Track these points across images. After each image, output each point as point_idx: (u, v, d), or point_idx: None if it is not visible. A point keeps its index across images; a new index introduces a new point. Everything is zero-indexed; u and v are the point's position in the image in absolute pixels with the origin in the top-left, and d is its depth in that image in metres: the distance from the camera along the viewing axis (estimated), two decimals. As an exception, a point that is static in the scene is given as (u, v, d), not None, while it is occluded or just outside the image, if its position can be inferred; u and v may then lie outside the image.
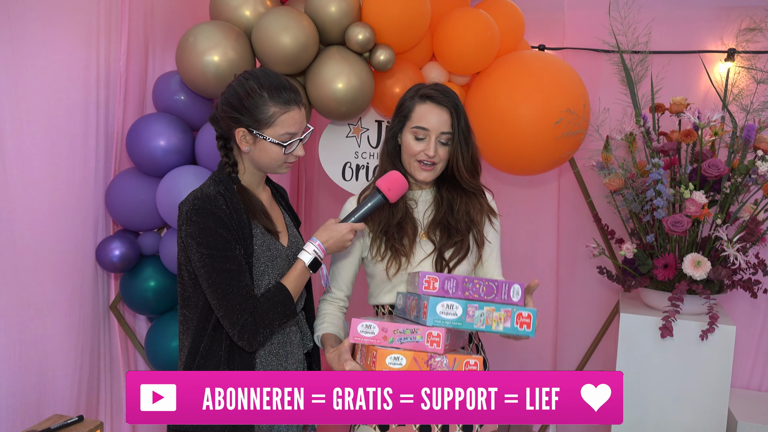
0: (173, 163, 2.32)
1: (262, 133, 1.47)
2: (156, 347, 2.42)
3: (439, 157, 1.61)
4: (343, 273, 1.73)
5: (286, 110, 1.47)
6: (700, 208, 2.15)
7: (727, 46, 2.56)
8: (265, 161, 1.51)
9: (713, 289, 2.23)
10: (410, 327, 1.35)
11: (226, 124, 1.50)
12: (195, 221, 1.43)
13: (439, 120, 1.60)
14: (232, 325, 1.43)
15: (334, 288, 1.74)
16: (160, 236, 2.45)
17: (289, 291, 1.50)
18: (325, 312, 1.71)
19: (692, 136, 2.24)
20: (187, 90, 2.36)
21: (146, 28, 2.54)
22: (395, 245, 1.63)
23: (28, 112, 2.07)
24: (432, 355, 1.33)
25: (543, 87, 2.32)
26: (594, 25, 2.57)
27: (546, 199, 3.02)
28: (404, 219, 1.65)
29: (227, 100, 1.48)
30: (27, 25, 2.06)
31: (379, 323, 1.37)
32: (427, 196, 1.71)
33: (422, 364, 1.33)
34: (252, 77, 1.48)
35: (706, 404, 2.20)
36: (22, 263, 2.10)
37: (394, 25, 2.19)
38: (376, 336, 1.37)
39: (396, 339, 1.35)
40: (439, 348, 1.33)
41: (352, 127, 2.52)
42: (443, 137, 1.61)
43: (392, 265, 1.63)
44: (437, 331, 1.33)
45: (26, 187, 2.09)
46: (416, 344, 1.34)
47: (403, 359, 1.32)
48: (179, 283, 1.53)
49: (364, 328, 1.37)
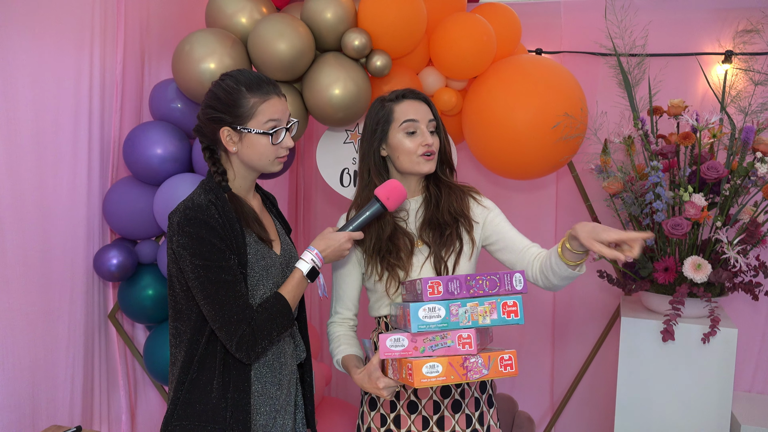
0: (170, 171, 2.31)
1: (246, 126, 1.45)
2: (155, 356, 2.40)
3: (435, 145, 1.64)
4: (348, 292, 1.71)
5: (266, 98, 1.46)
6: (700, 210, 2.14)
7: (724, 48, 2.56)
8: (255, 157, 1.48)
9: (714, 291, 2.22)
10: (439, 333, 1.33)
11: (210, 128, 1.48)
12: (187, 231, 1.39)
13: (422, 110, 1.64)
14: (230, 336, 1.40)
15: (340, 308, 1.73)
16: (157, 244, 2.44)
17: (287, 300, 1.47)
18: (338, 334, 1.69)
19: (691, 139, 2.23)
20: (184, 98, 2.36)
21: (142, 36, 2.54)
22: (391, 261, 1.62)
23: (17, 122, 2.06)
24: (466, 357, 1.31)
25: (540, 91, 2.31)
26: (590, 28, 2.56)
27: (544, 203, 3.01)
28: (395, 233, 1.64)
29: (207, 104, 1.48)
30: (17, 34, 2.05)
31: (407, 335, 1.35)
32: (416, 203, 1.70)
33: (458, 367, 1.31)
34: (228, 76, 1.49)
35: (708, 408, 2.19)
36: (15, 273, 2.08)
37: (390, 31, 2.19)
38: (406, 348, 1.34)
39: (427, 347, 1.33)
40: (472, 349, 1.32)
41: (349, 133, 2.51)
42: (431, 125, 1.64)
43: (391, 284, 1.62)
44: (467, 332, 1.32)
45: (18, 196, 2.07)
46: (448, 349, 1.32)
47: (439, 366, 1.30)
48: (170, 295, 1.50)
49: (394, 342, 1.35)
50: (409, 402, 1.65)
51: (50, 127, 2.19)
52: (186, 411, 1.45)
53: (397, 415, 1.66)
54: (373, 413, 1.70)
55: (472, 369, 1.31)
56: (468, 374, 1.30)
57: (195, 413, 1.45)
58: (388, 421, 1.67)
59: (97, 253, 2.35)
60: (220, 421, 1.44)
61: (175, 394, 1.47)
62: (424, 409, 1.64)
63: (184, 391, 1.46)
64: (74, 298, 2.32)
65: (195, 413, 1.45)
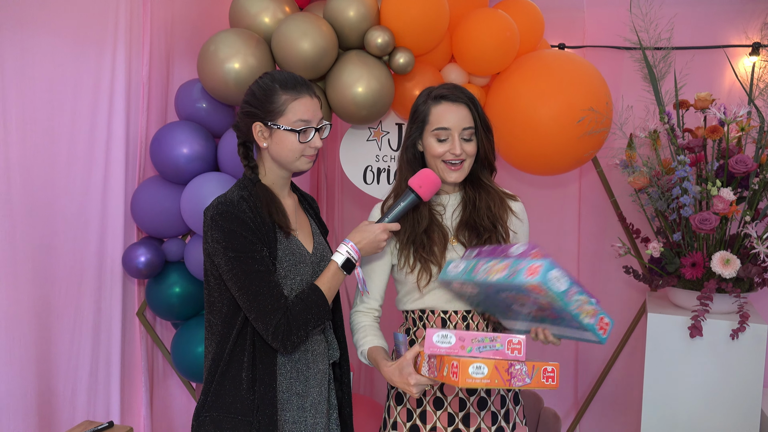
0: (196, 171, 2.34)
1: (276, 123, 1.48)
2: (182, 353, 2.44)
3: (466, 153, 1.59)
4: (376, 281, 1.70)
5: (297, 97, 1.49)
6: (728, 205, 2.11)
7: (751, 40, 2.52)
8: (284, 154, 1.51)
9: (743, 287, 2.19)
10: (489, 335, 1.31)
11: (245, 123, 1.52)
12: (220, 226, 1.44)
13: (458, 117, 1.58)
14: (266, 326, 1.43)
15: (367, 298, 1.70)
16: (184, 243, 2.48)
17: (322, 292, 1.49)
18: (363, 324, 1.68)
19: (719, 132, 2.20)
20: (209, 98, 2.38)
21: (167, 37, 2.57)
22: (423, 255, 1.60)
23: (33, 122, 2.10)
24: (512, 363, 1.29)
25: (564, 86, 2.30)
26: (614, 22, 2.54)
27: (567, 199, 2.99)
28: (431, 226, 1.62)
29: (245, 100, 1.53)
30: (39, 37, 2.09)
31: (456, 333, 1.33)
32: (455, 199, 1.68)
33: (503, 372, 1.29)
34: (266, 75, 1.53)
35: (738, 405, 2.16)
36: (43, 269, 2.15)
37: (412, 28, 2.19)
38: (453, 346, 1.32)
39: (474, 348, 1.31)
40: (521, 355, 1.30)
41: (372, 130, 2.52)
42: (466, 133, 1.59)
43: (423, 276, 1.60)
44: (518, 338, 1.30)
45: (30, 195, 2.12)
46: (496, 352, 1.31)
47: (485, 368, 1.28)
48: (206, 288, 1.54)
49: (440, 338, 1.33)
50: (435, 398, 1.65)
51: (68, 127, 2.23)
52: (216, 402, 1.49)
53: (423, 411, 1.66)
54: (399, 408, 1.70)
55: (516, 376, 1.29)
56: (512, 380, 1.28)
57: (224, 404, 1.48)
58: (414, 416, 1.67)
59: (125, 251, 2.39)
60: (247, 413, 1.46)
61: (207, 386, 1.50)
62: (450, 405, 1.65)
63: (215, 383, 1.49)
64: (100, 295, 2.37)
65: (224, 404, 1.48)
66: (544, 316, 1.38)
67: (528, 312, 1.40)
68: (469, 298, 1.55)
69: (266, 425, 1.47)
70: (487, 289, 1.40)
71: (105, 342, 2.39)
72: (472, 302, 1.57)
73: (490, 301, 1.48)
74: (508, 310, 1.45)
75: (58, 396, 2.24)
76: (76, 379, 2.30)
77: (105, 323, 2.39)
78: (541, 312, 1.37)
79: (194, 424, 1.52)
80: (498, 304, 1.46)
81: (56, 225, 2.21)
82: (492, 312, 1.56)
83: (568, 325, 1.36)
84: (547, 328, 1.44)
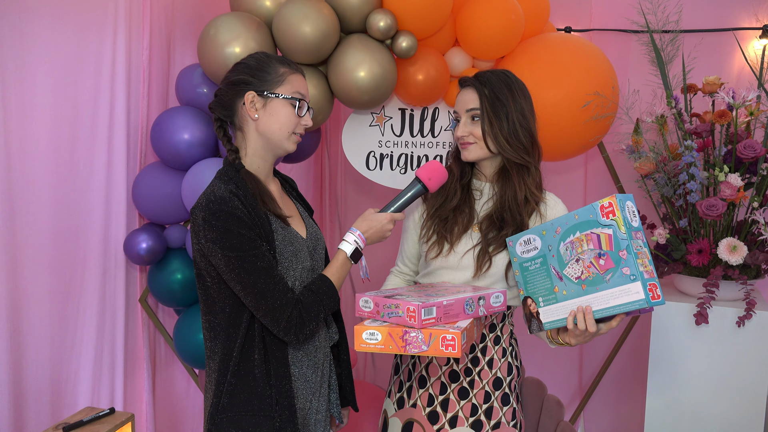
0: (197, 156, 2.32)
1: (273, 91, 1.46)
2: (184, 339, 2.44)
3: (473, 135, 1.62)
4: (407, 249, 1.78)
5: (294, 72, 1.50)
6: (736, 191, 2.08)
7: (762, 23, 2.47)
8: (275, 128, 1.47)
9: (750, 274, 2.17)
10: (395, 302, 1.36)
11: (231, 94, 1.47)
12: (214, 225, 1.37)
13: (464, 99, 1.64)
14: (277, 321, 1.39)
15: (400, 263, 1.81)
16: (186, 229, 2.47)
17: (332, 282, 1.48)
18: (390, 283, 1.81)
19: (727, 117, 2.16)
20: (210, 82, 2.36)
21: (168, 21, 2.54)
22: (442, 231, 1.64)
23: (33, 108, 2.09)
24: (407, 330, 1.33)
25: (570, 70, 2.26)
26: (621, 5, 2.50)
27: (573, 185, 2.96)
28: (461, 206, 1.66)
29: (234, 71, 1.49)
30: (38, 22, 2.07)
31: (374, 298, 1.41)
32: (490, 190, 1.69)
33: (397, 339, 1.33)
34: (258, 52, 1.53)
35: (744, 393, 2.14)
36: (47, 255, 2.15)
37: (415, 11, 2.16)
38: (371, 311, 1.42)
39: (385, 314, 1.39)
40: (415, 323, 1.33)
41: (375, 115, 2.49)
42: (471, 113, 1.62)
43: (433, 248, 1.65)
44: (413, 306, 1.33)
45: (31, 181, 2.11)
46: (399, 319, 1.36)
47: (379, 335, 1.34)
48: (200, 289, 1.49)
49: (364, 303, 1.43)
50: (420, 376, 1.70)
51: (69, 113, 2.22)
52: (232, 402, 1.44)
53: (410, 386, 1.71)
54: (395, 377, 1.77)
55: (412, 343, 1.33)
56: (407, 347, 1.33)
57: (241, 404, 1.44)
58: (403, 388, 1.73)
59: (126, 238, 2.38)
60: (266, 409, 1.44)
61: (218, 387, 1.45)
62: (432, 387, 1.67)
63: (227, 383, 1.44)
64: (104, 282, 2.36)
65: (241, 404, 1.44)
66: (597, 271, 1.35)
67: (580, 272, 1.38)
68: (522, 268, 1.52)
69: (287, 417, 1.45)
70: (551, 239, 1.43)
71: (109, 328, 2.39)
72: (522, 280, 1.53)
73: (543, 270, 1.46)
74: (559, 279, 1.43)
75: (61, 383, 2.25)
76: (80, 365, 2.30)
77: (109, 310, 2.39)
78: (596, 264, 1.35)
79: (210, 429, 1.46)
80: (549, 274, 1.45)
81: (58, 212, 2.20)
82: (537, 292, 1.49)
83: (618, 280, 1.32)
84: (591, 300, 1.37)
